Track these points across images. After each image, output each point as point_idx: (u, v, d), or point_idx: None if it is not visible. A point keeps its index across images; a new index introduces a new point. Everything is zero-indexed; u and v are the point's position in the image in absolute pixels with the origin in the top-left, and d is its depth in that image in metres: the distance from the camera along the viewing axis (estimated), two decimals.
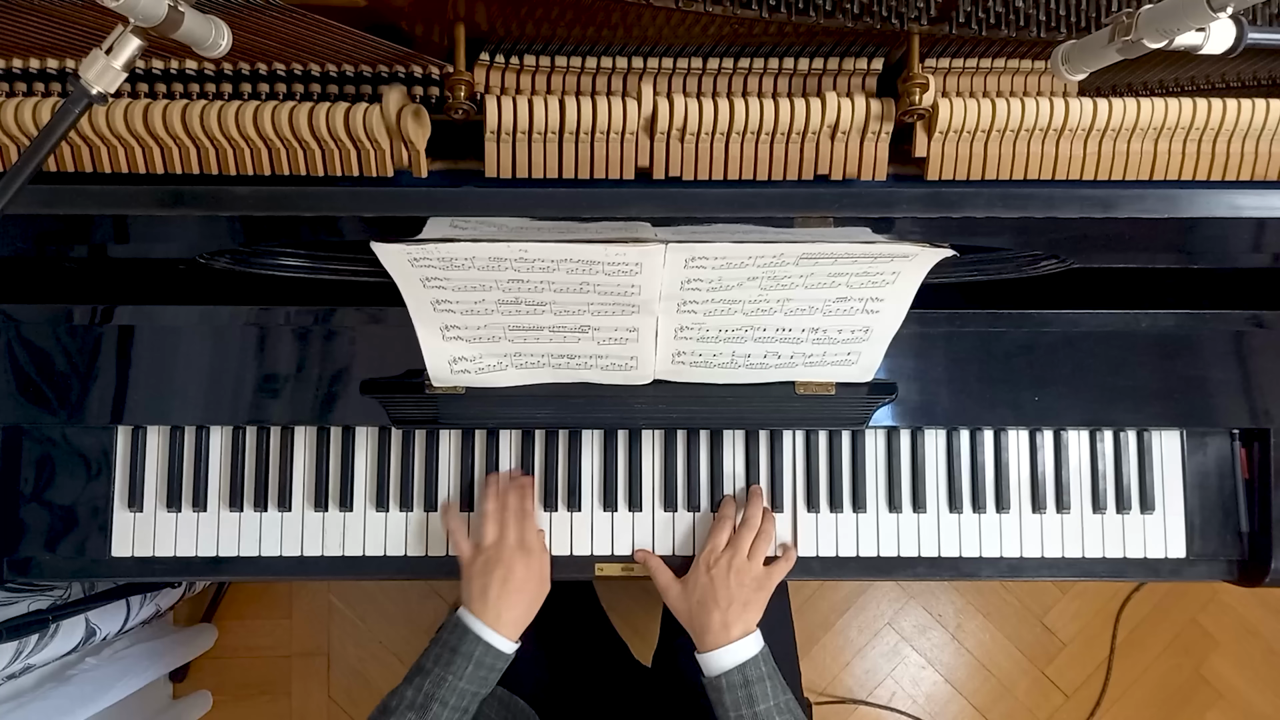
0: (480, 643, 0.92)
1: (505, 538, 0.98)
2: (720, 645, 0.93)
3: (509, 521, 0.99)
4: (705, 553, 0.99)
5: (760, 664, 0.93)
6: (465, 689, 0.90)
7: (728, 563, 0.97)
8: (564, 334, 0.93)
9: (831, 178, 0.92)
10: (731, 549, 0.98)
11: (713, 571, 0.97)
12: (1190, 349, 1.01)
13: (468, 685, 0.90)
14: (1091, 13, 0.82)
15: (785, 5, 0.81)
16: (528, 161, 0.90)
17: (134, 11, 0.59)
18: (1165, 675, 1.97)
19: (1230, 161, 0.92)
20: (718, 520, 1.02)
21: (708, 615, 0.95)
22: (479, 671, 0.91)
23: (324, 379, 1.00)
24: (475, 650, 0.91)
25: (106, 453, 1.04)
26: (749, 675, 0.92)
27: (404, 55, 0.86)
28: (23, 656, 1.18)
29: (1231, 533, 1.05)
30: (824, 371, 0.99)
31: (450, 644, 0.92)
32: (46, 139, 0.63)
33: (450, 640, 0.92)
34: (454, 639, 0.92)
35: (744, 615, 0.95)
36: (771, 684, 0.93)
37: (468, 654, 0.91)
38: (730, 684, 0.92)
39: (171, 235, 0.92)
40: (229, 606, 1.92)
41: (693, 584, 0.98)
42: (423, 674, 0.91)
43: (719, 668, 0.93)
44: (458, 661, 0.91)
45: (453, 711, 0.89)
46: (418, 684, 0.90)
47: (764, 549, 1.00)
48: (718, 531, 1.00)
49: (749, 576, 0.97)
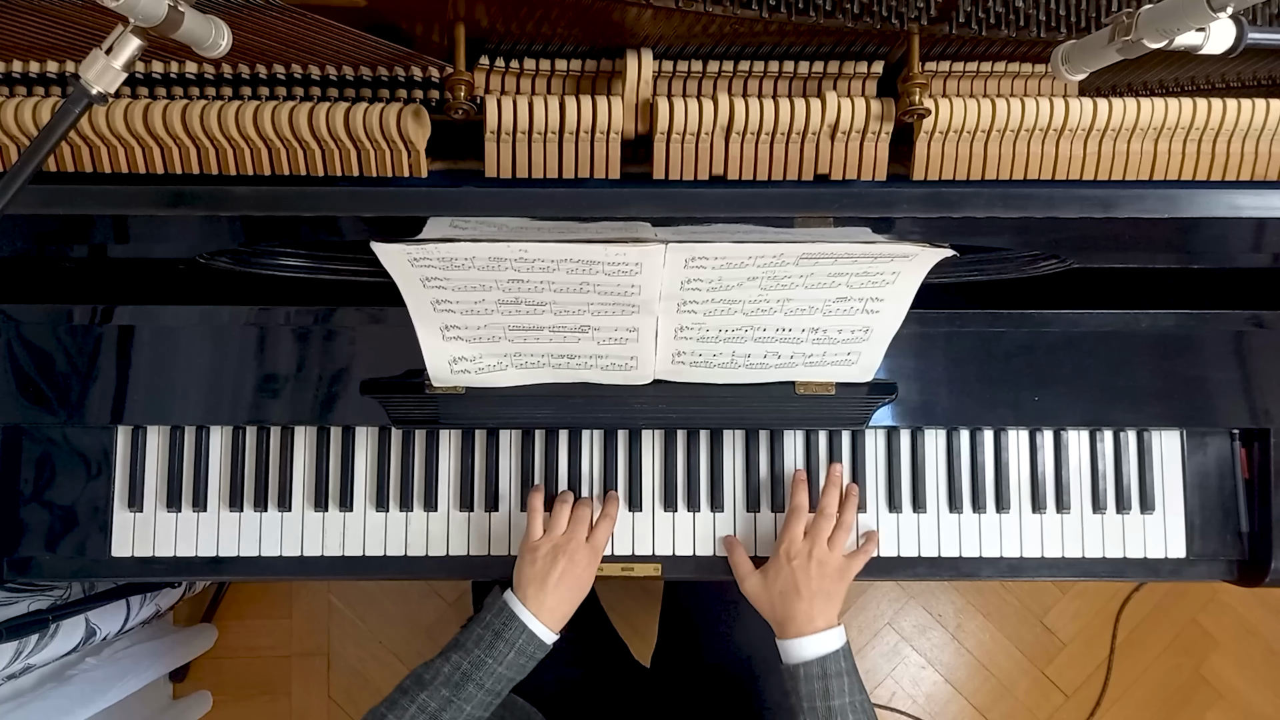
0: (525, 630, 0.92)
1: (576, 531, 0.98)
2: (804, 635, 0.93)
3: (584, 516, 0.99)
4: (785, 544, 0.98)
5: (841, 659, 0.93)
6: (503, 674, 0.90)
7: (809, 553, 0.97)
8: (564, 334, 0.93)
9: (832, 178, 0.92)
10: (811, 539, 0.98)
11: (794, 563, 0.96)
12: (1190, 349, 1.01)
13: (506, 671, 0.91)
14: (1091, 13, 0.82)
15: (785, 5, 0.81)
16: (528, 161, 0.90)
17: (134, 11, 0.59)
18: (1165, 675, 1.97)
19: (1230, 161, 0.92)
20: (792, 510, 1.01)
21: (792, 606, 0.94)
22: (519, 659, 0.91)
23: (324, 379, 1.00)
24: (520, 638, 0.91)
25: (106, 453, 1.04)
26: (828, 669, 0.92)
27: (404, 55, 0.86)
28: (23, 656, 1.18)
29: (1231, 533, 1.05)
30: (824, 371, 0.99)
31: (495, 627, 0.92)
32: (46, 139, 0.63)
33: (495, 624, 0.92)
34: (499, 623, 0.92)
35: (827, 607, 0.95)
36: (849, 680, 0.92)
37: (511, 640, 0.91)
38: (808, 674, 0.92)
39: (171, 235, 0.92)
40: (229, 606, 1.92)
41: (774, 574, 0.98)
42: (462, 651, 0.91)
43: (800, 657, 0.92)
44: (500, 646, 0.91)
45: (487, 694, 0.90)
46: (455, 661, 0.90)
47: (843, 539, 1.00)
48: (794, 522, 1.00)
49: (831, 568, 0.97)
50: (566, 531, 0.98)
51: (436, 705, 0.88)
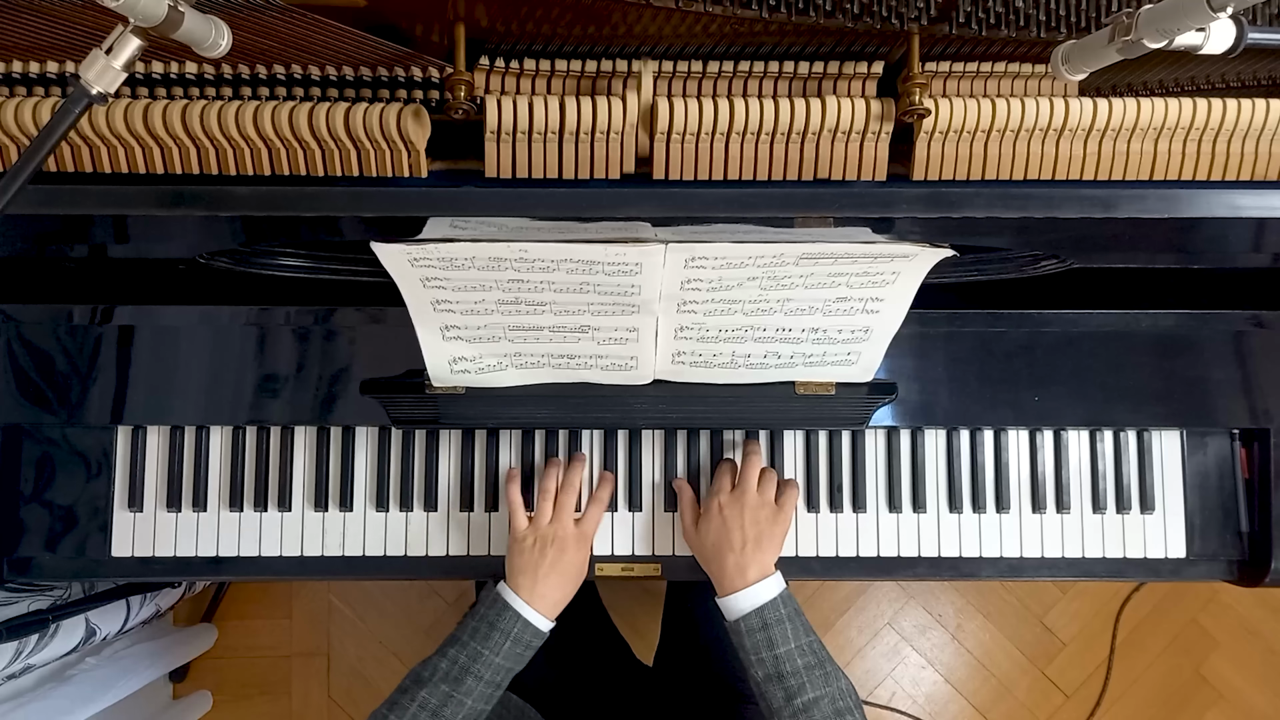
0: (520, 619, 0.92)
1: (563, 519, 0.98)
2: (737, 589, 0.92)
3: (569, 502, 0.99)
4: (713, 492, 0.97)
5: (780, 606, 0.91)
6: (500, 664, 0.90)
7: (738, 500, 0.96)
8: (564, 334, 0.93)
9: (832, 178, 0.92)
10: (741, 486, 0.97)
11: (725, 511, 0.95)
12: (1190, 349, 1.01)
13: (503, 661, 0.90)
14: (1091, 13, 0.82)
15: (785, 5, 0.81)
16: (528, 161, 0.90)
17: (134, 11, 0.59)
18: (1165, 675, 1.97)
19: (1230, 161, 0.92)
20: (720, 465, 1.01)
21: (723, 559, 0.93)
22: (515, 648, 0.91)
23: (324, 379, 1.00)
24: (514, 627, 0.91)
25: (106, 453, 1.04)
26: (767, 618, 0.90)
27: (404, 56, 0.86)
28: (23, 656, 1.18)
29: (1231, 533, 1.05)
30: (824, 371, 0.99)
31: (489, 619, 0.92)
32: (46, 139, 0.63)
33: (489, 615, 0.92)
34: (493, 614, 0.92)
35: (759, 555, 0.93)
36: (793, 625, 0.90)
37: (506, 630, 0.91)
38: (749, 628, 0.90)
39: (171, 235, 0.92)
40: (229, 606, 1.92)
41: (705, 527, 0.97)
42: (458, 646, 0.91)
43: (737, 611, 0.91)
44: (495, 637, 0.91)
45: (486, 686, 0.90)
46: (452, 656, 0.90)
47: (772, 484, 0.99)
48: (721, 473, 0.99)
49: (762, 512, 0.96)
50: (552, 521, 0.98)
51: (437, 701, 0.88)
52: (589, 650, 1.31)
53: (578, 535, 0.98)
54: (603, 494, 1.02)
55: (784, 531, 0.97)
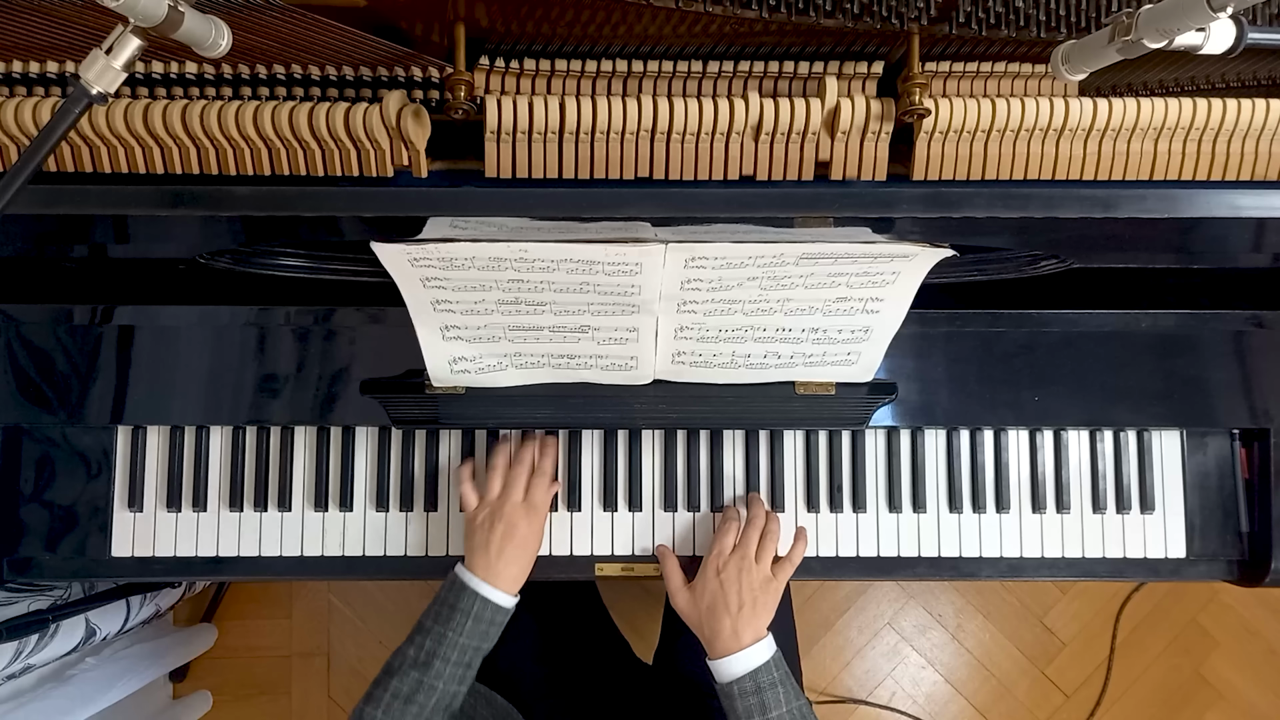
0: (479, 598, 0.92)
1: (510, 493, 0.98)
2: (731, 652, 0.92)
3: (518, 476, 0.99)
4: (712, 556, 0.98)
5: (772, 670, 0.92)
6: (466, 644, 0.91)
7: (736, 566, 0.96)
8: (564, 334, 0.93)
9: (832, 178, 0.92)
10: (739, 551, 0.98)
11: (722, 575, 0.96)
12: (1190, 349, 1.01)
13: (468, 640, 0.91)
14: (1091, 13, 0.82)
15: (785, 5, 0.81)
16: (528, 162, 0.90)
17: (134, 11, 0.59)
18: (1165, 675, 1.97)
19: (1230, 161, 0.92)
20: (722, 523, 1.01)
21: (718, 622, 0.94)
22: (479, 626, 0.92)
23: (324, 379, 1.00)
24: (474, 606, 0.92)
25: (106, 453, 1.04)
26: (760, 682, 0.91)
27: (404, 56, 0.87)
28: (23, 656, 1.18)
29: (1231, 533, 1.05)
30: (824, 371, 0.99)
31: (449, 601, 0.93)
32: (46, 139, 0.63)
33: (449, 597, 0.93)
34: (453, 596, 0.93)
35: (754, 620, 0.94)
36: (784, 690, 0.91)
37: (467, 610, 0.92)
38: (742, 690, 0.91)
39: (171, 235, 0.92)
40: (229, 606, 1.92)
41: (701, 589, 0.97)
42: (423, 632, 0.92)
43: (731, 674, 0.92)
44: (457, 618, 0.91)
45: (455, 667, 0.90)
46: (419, 642, 0.91)
47: (771, 548, 1.00)
48: (723, 534, 1.00)
49: (758, 579, 0.96)
50: (500, 495, 0.98)
51: (409, 689, 0.89)
52: (589, 649, 1.31)
53: (526, 507, 0.98)
54: (546, 464, 1.02)
55: (777, 600, 0.98)
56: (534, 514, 0.98)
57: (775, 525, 1.01)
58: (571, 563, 1.05)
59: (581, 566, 1.05)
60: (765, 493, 1.05)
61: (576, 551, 1.05)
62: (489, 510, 0.97)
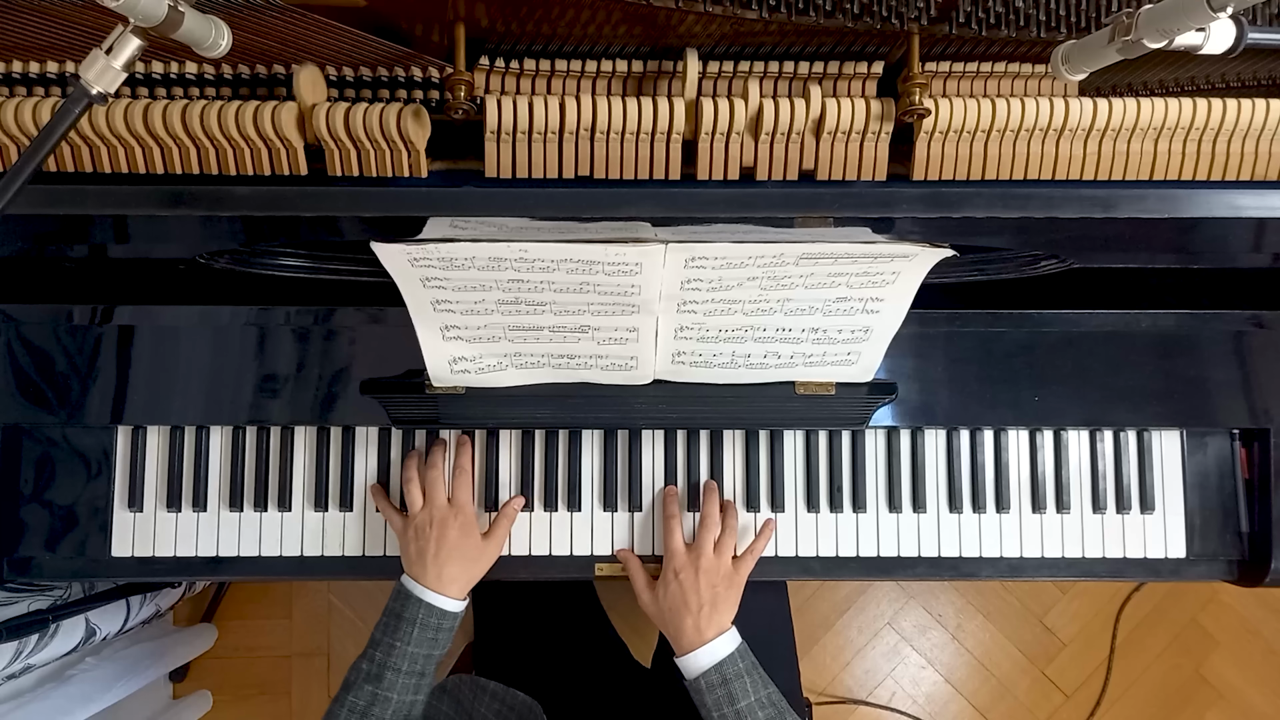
0: (423, 605, 0.93)
1: (433, 500, 0.98)
2: (695, 648, 0.93)
3: (435, 483, 0.99)
4: (668, 556, 0.99)
5: (737, 660, 0.93)
6: (415, 653, 0.92)
7: (694, 565, 0.97)
8: (564, 334, 0.93)
9: (832, 178, 0.92)
10: (696, 550, 0.98)
11: (681, 576, 0.96)
12: (1190, 349, 1.01)
13: (417, 649, 0.92)
14: (1091, 13, 0.82)
15: (785, 5, 0.81)
16: (527, 161, 0.90)
17: (134, 11, 0.59)
18: (1165, 675, 1.97)
19: (1230, 161, 0.92)
20: (667, 521, 1.01)
21: (680, 620, 0.95)
22: (425, 634, 0.92)
23: (324, 379, 1.00)
24: (419, 614, 0.93)
25: (106, 453, 1.04)
26: (726, 673, 0.92)
27: (404, 56, 0.87)
28: (23, 656, 1.18)
29: (1231, 533, 1.05)
30: (824, 371, 0.99)
31: (395, 611, 0.94)
32: (46, 139, 0.63)
33: (394, 608, 0.94)
34: (398, 606, 0.94)
35: (715, 616, 0.95)
36: (751, 679, 0.92)
37: (412, 619, 0.93)
38: (709, 684, 0.92)
39: (171, 235, 0.92)
40: (229, 606, 1.92)
41: (662, 590, 0.98)
42: (374, 645, 0.93)
43: (697, 669, 0.93)
44: (404, 628, 0.92)
45: (407, 676, 0.91)
46: (370, 655, 0.92)
47: (730, 543, 1.00)
48: (670, 533, 1.00)
49: (718, 576, 0.97)
50: (424, 506, 0.98)
51: (365, 702, 0.90)
52: (587, 651, 1.31)
53: (452, 510, 0.98)
54: (463, 461, 1.02)
55: (739, 593, 0.98)
56: (461, 514, 0.98)
57: (732, 519, 1.01)
58: (571, 563, 1.05)
59: (582, 566, 1.05)
60: (765, 493, 1.05)
61: (577, 551, 1.05)
62: (415, 524, 0.98)
